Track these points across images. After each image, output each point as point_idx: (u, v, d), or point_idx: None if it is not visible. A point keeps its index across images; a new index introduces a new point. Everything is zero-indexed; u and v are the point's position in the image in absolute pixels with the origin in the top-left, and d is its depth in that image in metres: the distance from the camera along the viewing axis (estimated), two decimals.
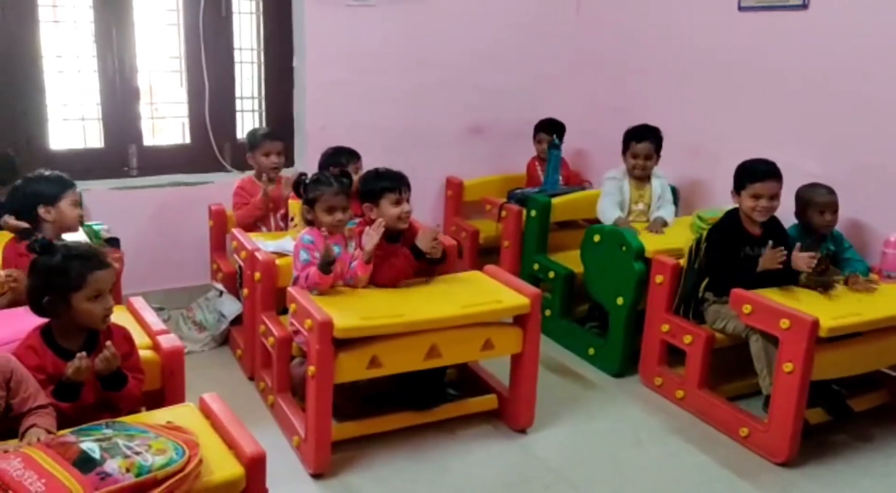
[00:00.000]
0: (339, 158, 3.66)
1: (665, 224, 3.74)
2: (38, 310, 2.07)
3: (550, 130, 4.44)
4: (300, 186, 3.01)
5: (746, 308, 2.90)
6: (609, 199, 3.81)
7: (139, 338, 2.28)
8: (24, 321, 2.15)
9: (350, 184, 3.04)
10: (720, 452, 2.97)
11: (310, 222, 2.99)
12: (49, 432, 1.86)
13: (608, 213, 3.76)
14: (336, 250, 2.90)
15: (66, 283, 2.02)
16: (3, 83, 3.62)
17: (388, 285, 2.92)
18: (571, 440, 3.05)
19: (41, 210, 2.70)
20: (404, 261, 2.94)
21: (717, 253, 3.17)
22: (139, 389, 2.14)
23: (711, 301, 3.22)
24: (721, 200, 3.82)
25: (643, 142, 3.80)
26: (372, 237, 2.84)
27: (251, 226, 3.68)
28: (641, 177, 3.84)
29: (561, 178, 4.35)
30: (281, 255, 3.23)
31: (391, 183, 3.00)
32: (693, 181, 4.14)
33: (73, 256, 2.07)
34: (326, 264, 2.79)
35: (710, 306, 3.23)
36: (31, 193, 2.73)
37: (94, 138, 3.94)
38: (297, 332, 2.77)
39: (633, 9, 4.48)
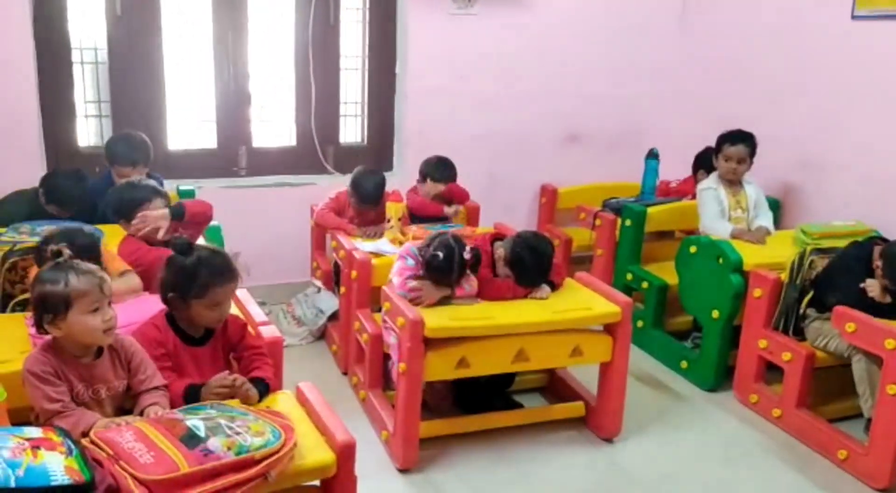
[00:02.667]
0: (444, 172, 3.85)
1: (768, 233, 3.63)
2: (164, 301, 2.22)
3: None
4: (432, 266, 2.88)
5: (850, 327, 2.80)
6: (711, 212, 3.71)
7: None
8: (149, 307, 2.33)
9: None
10: (815, 474, 2.88)
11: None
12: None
13: (718, 227, 3.64)
14: None
15: (189, 288, 2.14)
16: (128, 86, 3.89)
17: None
18: (659, 452, 3.01)
19: (123, 224, 2.83)
20: (510, 292, 2.94)
21: (841, 273, 3.03)
22: (274, 374, 2.23)
23: (813, 318, 3.12)
24: (827, 215, 3.70)
25: (737, 145, 3.70)
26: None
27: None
28: (733, 181, 3.74)
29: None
30: (377, 255, 3.33)
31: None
32: (798, 194, 4.00)
33: (206, 264, 2.17)
34: None
35: (811, 322, 3.13)
36: (112, 207, 2.89)
37: (208, 139, 4.16)
38: (387, 328, 2.85)
39: (740, 15, 4.37)
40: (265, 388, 2.15)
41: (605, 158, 4.75)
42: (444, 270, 2.81)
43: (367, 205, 3.69)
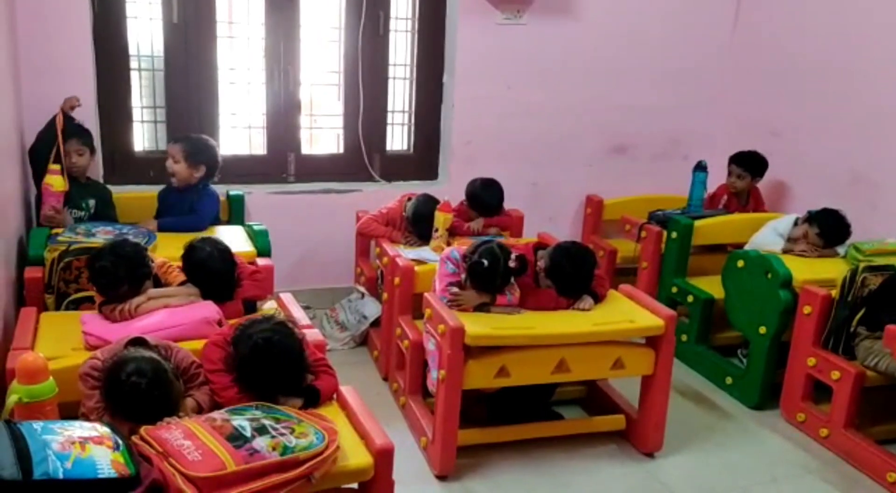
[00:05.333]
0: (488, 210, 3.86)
1: (835, 253, 3.58)
2: None
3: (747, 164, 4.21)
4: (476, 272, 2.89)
5: None
6: (773, 233, 3.65)
7: None
8: (201, 312, 2.41)
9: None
10: None
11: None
12: (199, 405, 2.06)
13: (770, 238, 3.61)
14: None
15: None
16: (182, 92, 3.99)
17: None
18: (701, 469, 2.96)
19: None
20: (552, 303, 2.94)
21: None
22: (332, 384, 2.26)
23: (864, 336, 3.04)
24: (880, 232, 3.61)
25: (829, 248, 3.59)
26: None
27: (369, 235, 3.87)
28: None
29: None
30: (420, 262, 3.35)
31: None
32: (849, 209, 3.90)
33: None
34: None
35: (861, 341, 3.05)
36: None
37: (257, 146, 4.24)
38: (428, 333, 2.86)
39: (793, 26, 4.30)
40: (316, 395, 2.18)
41: (652, 169, 4.71)
42: (486, 277, 2.82)
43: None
